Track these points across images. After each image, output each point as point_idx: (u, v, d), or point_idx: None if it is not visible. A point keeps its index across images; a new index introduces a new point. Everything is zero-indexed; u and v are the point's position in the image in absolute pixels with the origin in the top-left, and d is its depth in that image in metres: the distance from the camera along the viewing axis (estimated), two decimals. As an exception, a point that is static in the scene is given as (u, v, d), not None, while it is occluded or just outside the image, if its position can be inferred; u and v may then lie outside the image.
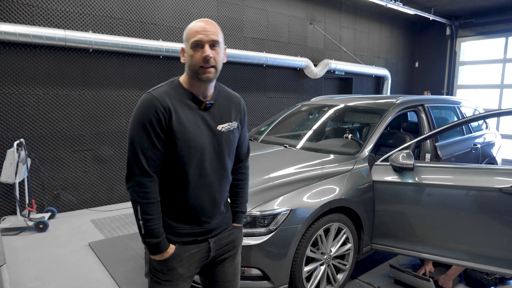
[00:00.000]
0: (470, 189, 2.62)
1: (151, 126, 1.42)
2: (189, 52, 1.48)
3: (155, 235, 1.47)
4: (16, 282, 2.96)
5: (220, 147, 1.56)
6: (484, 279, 3.03)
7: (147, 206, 1.45)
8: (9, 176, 3.88)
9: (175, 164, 1.48)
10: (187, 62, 1.50)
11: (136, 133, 1.43)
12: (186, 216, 1.54)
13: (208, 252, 1.61)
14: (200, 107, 1.52)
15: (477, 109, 5.04)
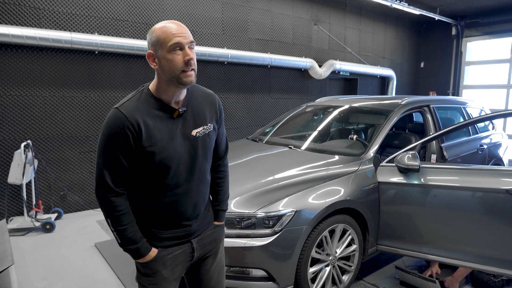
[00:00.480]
0: (477, 191, 2.60)
1: (118, 145, 1.37)
2: (167, 56, 1.37)
3: (132, 241, 1.47)
4: (24, 283, 2.99)
5: (196, 152, 1.52)
6: (491, 281, 3.00)
7: (117, 218, 1.43)
8: (16, 177, 3.92)
9: (150, 176, 1.46)
10: (164, 68, 1.39)
11: (103, 151, 1.40)
12: (165, 222, 1.53)
13: (192, 252, 1.61)
14: (172, 115, 1.46)
15: (483, 109, 5.00)
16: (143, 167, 1.44)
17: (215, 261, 1.73)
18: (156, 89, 1.45)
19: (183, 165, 1.49)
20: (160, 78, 1.43)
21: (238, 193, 2.58)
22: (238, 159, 3.27)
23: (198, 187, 1.56)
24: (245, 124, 6.48)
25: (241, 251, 2.35)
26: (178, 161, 1.46)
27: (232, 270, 2.41)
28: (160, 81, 1.44)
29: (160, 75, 1.42)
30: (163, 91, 1.44)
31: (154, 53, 1.40)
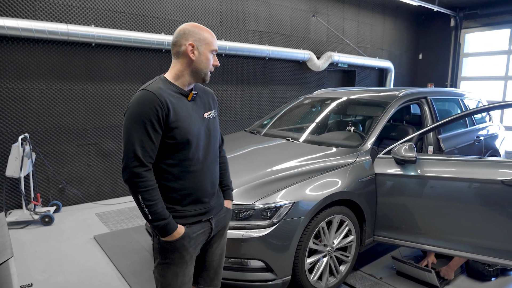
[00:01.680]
0: (473, 182, 2.63)
1: (149, 121, 1.50)
2: (207, 55, 1.64)
3: (162, 217, 1.56)
4: (24, 275, 3.01)
5: (210, 132, 1.72)
6: (485, 270, 3.04)
7: (147, 193, 1.53)
8: (14, 170, 3.92)
9: (175, 152, 1.59)
10: (200, 61, 1.63)
11: (134, 128, 1.51)
12: (190, 199, 1.66)
13: (210, 232, 1.76)
14: (187, 98, 1.65)
15: (480, 101, 5.01)
16: (168, 142, 1.57)
17: (220, 244, 1.87)
18: (174, 76, 1.64)
19: (202, 142, 1.66)
20: (184, 68, 1.63)
21: (236, 185, 2.59)
22: (236, 151, 3.28)
23: (213, 165, 1.76)
24: (243, 116, 6.47)
25: (239, 242, 2.37)
26: (197, 138, 1.63)
27: (230, 261, 2.44)
28: (183, 70, 1.63)
29: (186, 65, 1.62)
30: (181, 79, 1.64)
31: (197, 47, 1.61)
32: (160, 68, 5.28)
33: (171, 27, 5.36)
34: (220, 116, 6.16)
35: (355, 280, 2.98)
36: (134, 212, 4.53)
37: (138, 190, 1.52)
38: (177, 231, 1.60)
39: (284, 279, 2.48)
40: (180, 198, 1.64)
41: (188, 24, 1.65)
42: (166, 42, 5.08)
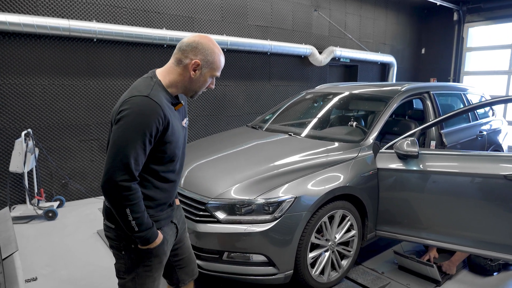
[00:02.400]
0: (475, 176, 2.62)
1: (149, 133, 1.41)
2: (207, 79, 1.58)
3: (148, 226, 1.51)
4: (29, 269, 3.04)
5: (185, 141, 1.72)
6: (487, 265, 3.05)
7: (136, 205, 1.44)
8: (17, 165, 3.94)
9: (160, 164, 1.55)
10: (197, 81, 1.57)
11: (132, 138, 1.38)
12: (163, 203, 1.65)
13: (176, 232, 1.78)
14: (175, 108, 1.59)
15: (483, 96, 4.99)
16: (156, 155, 1.51)
17: (187, 237, 1.93)
18: (168, 84, 1.56)
19: (182, 150, 1.68)
20: (180, 80, 1.56)
21: (238, 180, 2.60)
22: (238, 147, 3.28)
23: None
24: (245, 111, 6.47)
25: (242, 237, 2.38)
26: (181, 149, 1.66)
27: (232, 255, 2.45)
28: (178, 81, 1.56)
29: (183, 78, 1.55)
30: (173, 88, 1.57)
31: (201, 67, 1.54)
32: (162, 63, 5.24)
33: (173, 22, 5.34)
34: (222, 111, 6.16)
35: (357, 275, 2.99)
36: (137, 207, 4.54)
37: (127, 203, 1.41)
38: (158, 237, 1.57)
39: (286, 273, 2.49)
40: (154, 205, 1.59)
41: (207, 38, 1.56)
42: (167, 37, 5.07)
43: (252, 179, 2.59)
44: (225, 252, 2.44)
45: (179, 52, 1.54)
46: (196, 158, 3.12)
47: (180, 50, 1.54)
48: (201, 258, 2.50)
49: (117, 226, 1.57)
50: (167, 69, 1.58)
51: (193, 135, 5.87)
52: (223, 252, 2.45)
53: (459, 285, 2.93)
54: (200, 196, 2.56)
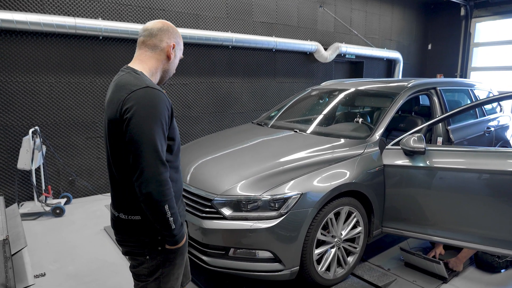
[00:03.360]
0: (483, 173, 2.60)
1: (164, 122, 1.40)
2: (177, 59, 1.62)
3: (180, 221, 1.48)
4: (37, 265, 3.08)
5: None
6: (495, 262, 3.03)
7: (172, 200, 1.40)
8: (25, 163, 3.98)
9: (170, 153, 1.51)
10: (173, 65, 1.61)
11: (153, 130, 1.35)
12: (178, 197, 1.58)
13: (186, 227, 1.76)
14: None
15: (491, 91, 4.94)
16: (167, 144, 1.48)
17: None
18: (149, 73, 1.54)
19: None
20: (158, 65, 1.57)
21: (244, 176, 2.61)
22: (244, 143, 3.28)
23: None
24: (251, 108, 6.47)
25: (247, 233, 2.39)
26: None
27: (239, 251, 2.46)
28: (157, 67, 1.57)
29: (161, 63, 1.57)
30: (154, 76, 1.57)
31: (175, 49, 1.58)
32: (167, 60, 5.28)
33: (178, 19, 5.35)
34: (227, 108, 6.17)
35: (363, 271, 2.98)
36: (143, 204, 4.58)
37: (166, 198, 1.37)
38: (185, 233, 1.56)
39: (292, 269, 2.49)
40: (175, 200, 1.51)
41: (168, 23, 1.59)
42: (173, 35, 5.07)
43: (258, 175, 2.59)
44: (231, 248, 2.45)
45: (151, 38, 1.53)
46: (202, 155, 3.13)
47: (152, 35, 1.53)
48: (207, 254, 2.52)
49: (139, 234, 1.51)
50: (142, 59, 1.55)
51: (199, 132, 5.88)
52: (229, 249, 2.46)
53: (466, 282, 2.91)
54: (206, 193, 2.57)
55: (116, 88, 1.46)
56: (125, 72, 1.51)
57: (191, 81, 5.64)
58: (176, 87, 5.48)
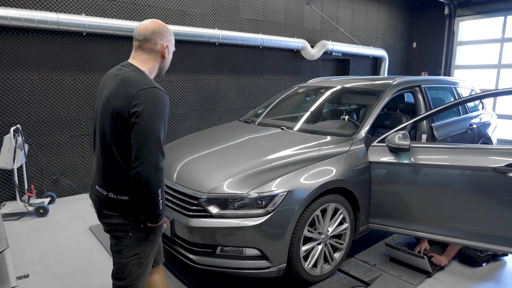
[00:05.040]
0: (465, 169, 2.66)
1: (166, 119, 1.64)
2: (171, 54, 1.81)
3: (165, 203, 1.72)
4: (20, 266, 3.01)
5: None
6: (477, 256, 3.10)
7: (163, 185, 1.65)
8: (7, 162, 3.88)
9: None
10: (167, 62, 1.81)
11: (160, 125, 1.58)
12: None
13: None
14: None
15: (474, 89, 5.04)
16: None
17: None
18: (149, 72, 1.74)
19: None
20: (156, 65, 1.77)
21: (231, 174, 2.60)
22: (230, 141, 3.27)
23: None
24: (237, 105, 6.45)
25: (235, 231, 2.39)
26: None
27: (226, 249, 2.45)
28: (154, 67, 1.76)
29: (158, 63, 1.77)
30: (152, 75, 1.77)
31: (168, 48, 1.77)
32: (153, 57, 5.21)
33: (163, 16, 5.28)
34: (214, 105, 6.14)
35: (350, 267, 3.02)
36: (129, 203, 4.53)
37: (160, 183, 1.60)
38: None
39: (280, 266, 2.50)
40: None
41: (159, 22, 1.75)
42: (158, 31, 5.01)
43: (245, 173, 2.59)
44: (218, 246, 2.45)
45: (146, 43, 1.71)
46: (188, 152, 3.11)
47: (146, 39, 1.71)
48: (194, 252, 2.51)
49: (124, 211, 1.69)
50: (141, 61, 1.73)
51: (185, 130, 5.84)
52: (216, 247, 2.45)
53: (449, 275, 2.98)
54: (193, 191, 2.56)
55: (123, 82, 1.63)
56: (129, 69, 1.68)
57: (177, 78, 5.59)
58: (162, 84, 5.43)
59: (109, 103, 1.63)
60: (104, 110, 1.66)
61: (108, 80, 1.72)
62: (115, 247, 1.75)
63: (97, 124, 1.72)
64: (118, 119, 1.59)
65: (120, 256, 1.75)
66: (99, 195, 1.74)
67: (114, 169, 1.67)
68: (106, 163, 1.69)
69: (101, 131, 1.68)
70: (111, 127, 1.62)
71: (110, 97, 1.64)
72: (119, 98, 1.59)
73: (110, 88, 1.66)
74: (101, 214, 1.76)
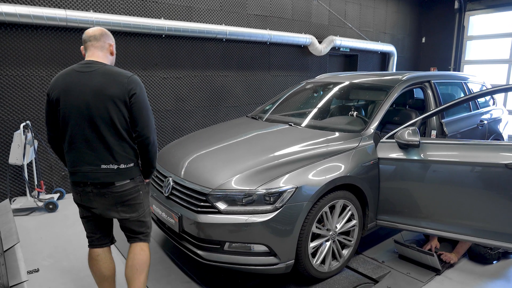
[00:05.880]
0: (476, 165, 2.62)
1: None
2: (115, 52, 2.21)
3: None
4: (30, 260, 3.05)
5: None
6: (487, 254, 3.07)
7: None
8: (17, 158, 3.93)
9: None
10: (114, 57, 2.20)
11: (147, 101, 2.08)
12: None
13: None
14: None
15: (484, 84, 4.96)
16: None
17: None
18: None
19: None
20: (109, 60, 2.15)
21: (238, 170, 2.60)
22: (238, 137, 3.27)
23: None
24: (245, 102, 6.44)
25: (242, 227, 2.39)
26: None
27: (234, 245, 2.45)
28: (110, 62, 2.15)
29: (111, 61, 2.17)
30: None
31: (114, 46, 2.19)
32: (160, 53, 5.22)
33: (171, 12, 5.28)
34: (221, 102, 6.14)
35: (358, 264, 3.00)
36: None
37: (157, 145, 2.14)
38: None
39: (288, 263, 2.50)
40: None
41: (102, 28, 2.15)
42: (165, 27, 5.01)
43: (253, 169, 2.58)
44: (226, 242, 2.45)
45: (98, 42, 2.07)
46: (196, 149, 3.11)
47: (97, 39, 2.07)
48: (202, 248, 2.51)
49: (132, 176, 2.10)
50: (101, 57, 2.09)
51: (192, 126, 5.85)
52: (224, 243, 2.46)
53: (459, 273, 2.95)
54: (201, 187, 2.56)
55: (106, 75, 1.99)
56: (100, 65, 2.03)
57: (185, 74, 5.59)
58: (170, 81, 5.43)
59: (102, 93, 1.94)
60: (97, 99, 1.94)
61: (75, 76, 1.98)
62: (126, 213, 2.12)
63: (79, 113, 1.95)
64: (119, 102, 1.96)
65: (138, 214, 2.16)
66: (107, 171, 2.00)
67: (120, 143, 2.01)
68: (111, 142, 1.98)
69: (91, 117, 1.95)
70: (113, 111, 1.95)
71: (101, 88, 1.94)
72: (114, 86, 1.95)
73: (92, 82, 1.95)
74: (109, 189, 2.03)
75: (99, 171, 1.99)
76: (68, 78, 1.99)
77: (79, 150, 2.00)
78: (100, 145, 1.98)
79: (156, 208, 2.93)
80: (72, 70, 2.02)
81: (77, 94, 1.95)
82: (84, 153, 1.99)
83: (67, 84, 1.97)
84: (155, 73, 5.25)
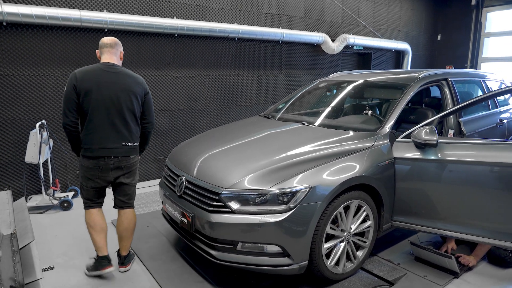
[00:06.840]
0: (495, 165, 2.54)
1: None
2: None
3: None
4: (45, 258, 3.09)
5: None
6: (508, 257, 2.97)
7: None
8: (33, 156, 3.98)
9: None
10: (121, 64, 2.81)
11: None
12: None
13: None
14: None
15: (503, 82, 4.82)
16: None
17: None
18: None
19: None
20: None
21: (251, 169, 2.57)
22: (251, 136, 3.24)
23: None
24: (257, 101, 6.42)
25: (256, 227, 2.36)
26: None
27: (246, 245, 2.43)
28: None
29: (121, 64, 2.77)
30: None
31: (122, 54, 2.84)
32: (173, 53, 5.24)
33: (183, 11, 5.29)
34: (234, 101, 6.13)
35: (373, 266, 2.95)
36: (151, 197, 4.58)
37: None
38: None
39: (301, 264, 2.46)
40: None
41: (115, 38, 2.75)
42: (178, 27, 5.02)
43: (266, 169, 2.56)
44: (239, 242, 2.43)
45: (112, 49, 2.70)
46: (209, 147, 3.10)
47: (112, 47, 2.70)
48: (215, 248, 2.50)
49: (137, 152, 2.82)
50: (116, 61, 2.71)
51: (205, 125, 5.85)
52: (237, 243, 2.44)
53: (477, 276, 2.87)
54: (214, 186, 2.54)
55: (128, 76, 2.70)
56: (120, 68, 2.69)
57: (197, 73, 5.59)
58: (182, 80, 5.45)
59: (129, 89, 2.64)
60: (125, 94, 2.61)
61: (105, 75, 2.59)
62: (129, 178, 2.78)
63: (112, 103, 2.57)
64: (139, 97, 2.70)
65: (135, 180, 2.86)
66: (126, 148, 2.67)
67: (136, 127, 2.73)
68: (131, 126, 2.68)
69: (120, 107, 2.60)
70: (135, 103, 2.67)
71: (128, 86, 2.64)
72: (136, 86, 2.69)
73: (121, 80, 2.62)
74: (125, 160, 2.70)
75: (120, 148, 2.64)
76: (99, 75, 2.57)
77: (106, 132, 2.58)
78: (124, 128, 2.64)
79: (168, 207, 2.93)
80: (99, 69, 2.59)
81: (110, 88, 2.56)
82: (110, 134, 2.59)
83: (99, 80, 2.55)
84: (168, 73, 5.26)
